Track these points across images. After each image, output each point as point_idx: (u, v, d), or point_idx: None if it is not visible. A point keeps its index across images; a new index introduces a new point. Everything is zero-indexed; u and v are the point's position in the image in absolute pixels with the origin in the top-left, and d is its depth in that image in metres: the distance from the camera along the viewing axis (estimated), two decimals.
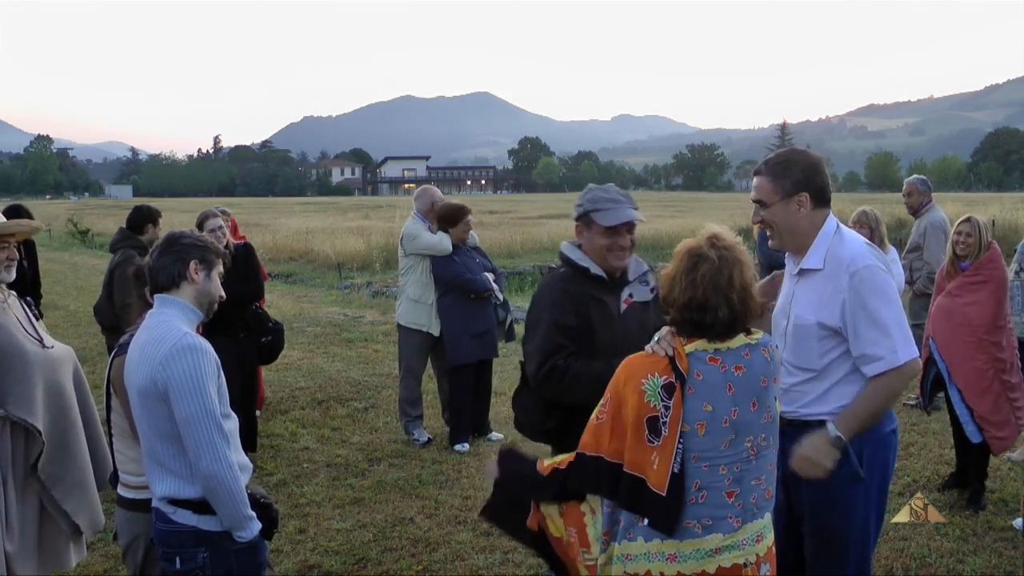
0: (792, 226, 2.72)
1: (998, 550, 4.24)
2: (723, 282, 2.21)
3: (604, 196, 3.01)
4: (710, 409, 2.17)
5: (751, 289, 2.27)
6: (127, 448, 2.85)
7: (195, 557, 2.51)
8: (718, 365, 2.20)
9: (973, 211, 6.01)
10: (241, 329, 5.63)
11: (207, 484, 2.45)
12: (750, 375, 2.22)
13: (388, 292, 14.41)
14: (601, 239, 2.96)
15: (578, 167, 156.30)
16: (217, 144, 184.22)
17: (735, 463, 2.19)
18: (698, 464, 2.17)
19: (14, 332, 2.97)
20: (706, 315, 2.21)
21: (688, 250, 2.30)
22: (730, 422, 2.18)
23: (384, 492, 5.21)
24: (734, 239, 2.32)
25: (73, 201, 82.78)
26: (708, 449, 2.17)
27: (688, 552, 2.17)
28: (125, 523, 2.87)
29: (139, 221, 5.95)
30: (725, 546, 2.18)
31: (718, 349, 2.22)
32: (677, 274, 2.28)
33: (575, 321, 2.95)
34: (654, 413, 2.16)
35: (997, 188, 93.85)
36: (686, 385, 2.17)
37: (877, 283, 2.58)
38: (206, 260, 2.65)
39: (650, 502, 2.16)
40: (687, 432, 2.16)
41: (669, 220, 30.23)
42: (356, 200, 77.99)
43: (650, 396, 2.17)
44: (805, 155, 2.77)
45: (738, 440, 2.19)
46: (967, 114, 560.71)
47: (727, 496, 2.18)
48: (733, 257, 2.26)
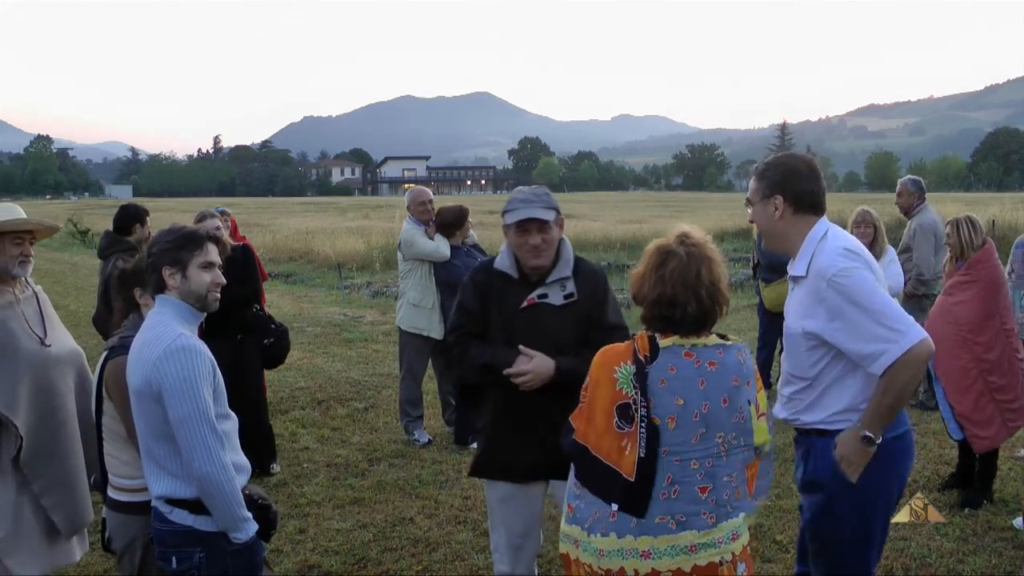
0: (769, 228, 2.75)
1: (998, 550, 4.24)
2: (691, 278, 2.25)
3: (517, 197, 3.02)
4: (682, 403, 2.20)
5: (720, 285, 2.30)
6: (119, 451, 2.83)
7: (191, 557, 2.51)
8: (692, 360, 2.24)
9: (973, 211, 6.01)
10: (239, 331, 5.43)
11: (200, 485, 2.45)
12: (722, 372, 2.25)
13: (388, 292, 14.41)
14: (513, 237, 2.99)
15: (578, 167, 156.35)
16: (217, 144, 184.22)
17: (706, 458, 2.21)
18: (669, 458, 2.20)
19: (13, 328, 2.99)
20: (675, 310, 2.25)
21: (657, 248, 2.34)
22: (700, 416, 2.21)
23: (384, 492, 5.21)
24: (703, 237, 2.35)
25: (73, 201, 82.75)
26: (679, 443, 2.20)
27: (663, 548, 2.18)
28: (120, 526, 2.85)
29: (125, 221, 5.68)
30: (700, 543, 2.19)
31: (695, 345, 2.26)
32: (646, 271, 2.32)
33: (477, 308, 3.07)
34: (625, 400, 2.21)
35: (997, 188, 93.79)
36: (658, 378, 2.20)
37: (854, 283, 2.52)
38: (178, 260, 2.58)
39: (620, 488, 2.20)
40: (658, 425, 2.19)
41: (669, 220, 30.19)
42: (356, 200, 77.96)
43: (622, 383, 2.22)
44: (791, 159, 2.75)
45: (709, 435, 2.22)
46: (967, 114, 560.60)
47: (700, 491, 2.20)
48: (701, 254, 2.29)
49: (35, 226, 3.18)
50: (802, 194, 2.68)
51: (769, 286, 7.26)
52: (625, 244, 21.05)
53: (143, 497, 2.67)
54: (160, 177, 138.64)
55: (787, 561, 4.18)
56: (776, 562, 4.18)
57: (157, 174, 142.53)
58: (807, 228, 2.69)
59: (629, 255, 19.28)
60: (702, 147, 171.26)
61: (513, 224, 2.96)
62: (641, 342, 2.28)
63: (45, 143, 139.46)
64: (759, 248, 7.39)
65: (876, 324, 2.49)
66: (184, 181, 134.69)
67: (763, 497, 2.46)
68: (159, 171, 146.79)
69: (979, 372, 4.68)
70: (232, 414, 2.65)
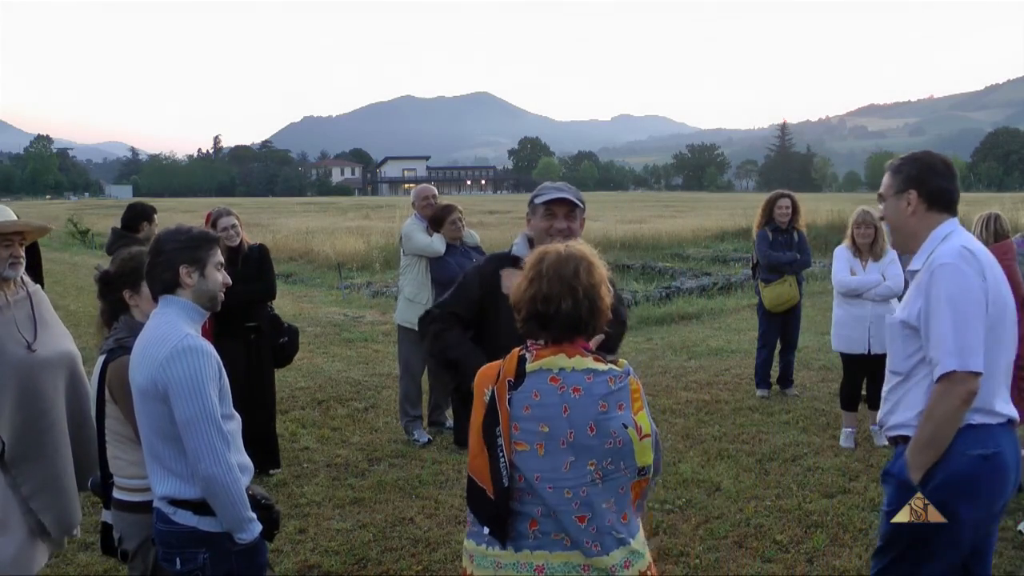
0: (899, 224, 2.71)
1: (998, 550, 4.22)
2: (568, 273, 2.18)
3: (548, 184, 3.08)
4: (547, 430, 2.14)
5: (600, 291, 2.20)
6: (125, 453, 2.83)
7: (195, 558, 2.50)
8: (557, 385, 2.16)
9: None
10: (252, 332, 5.41)
11: (206, 486, 2.44)
12: (587, 399, 2.14)
13: (388, 292, 14.39)
14: (540, 221, 2.99)
15: (578, 167, 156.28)
16: (217, 144, 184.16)
17: (580, 487, 2.14)
18: (542, 484, 2.15)
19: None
20: (549, 306, 2.16)
21: (536, 251, 2.30)
22: (567, 444, 2.13)
23: (384, 492, 5.21)
24: (587, 247, 2.30)
25: (73, 201, 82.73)
26: (549, 470, 2.14)
27: (556, 565, 2.15)
28: (132, 526, 2.84)
29: (134, 219, 5.81)
30: (593, 567, 2.15)
31: (563, 369, 2.17)
32: (524, 272, 2.26)
33: (476, 296, 3.04)
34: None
35: (997, 188, 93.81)
36: (522, 404, 2.16)
37: (949, 282, 2.46)
38: (196, 260, 2.58)
39: (488, 509, 2.18)
40: (528, 452, 2.15)
41: (669, 220, 30.19)
42: (356, 200, 77.95)
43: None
44: (928, 156, 2.72)
45: (579, 463, 2.14)
46: (967, 114, 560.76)
47: (579, 521, 2.14)
48: (580, 254, 2.23)
49: (23, 227, 3.15)
50: (936, 191, 2.64)
51: (769, 286, 7.26)
52: (625, 244, 21.02)
53: (151, 497, 2.67)
54: (160, 177, 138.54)
55: (787, 561, 4.18)
56: (776, 562, 4.18)
57: (157, 174, 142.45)
58: (935, 224, 2.65)
59: (629, 255, 19.28)
60: (702, 147, 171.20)
61: (541, 205, 2.97)
62: (509, 364, 2.21)
63: (45, 143, 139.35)
64: (758, 248, 7.40)
65: (951, 332, 2.43)
66: (184, 181, 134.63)
67: (651, 490, 2.39)
68: (159, 171, 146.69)
69: None
70: (236, 414, 2.64)
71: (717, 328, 10.77)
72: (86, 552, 4.37)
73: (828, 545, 4.34)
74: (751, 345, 8.24)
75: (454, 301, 3.08)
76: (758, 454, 5.74)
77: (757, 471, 5.42)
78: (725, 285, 14.17)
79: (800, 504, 4.87)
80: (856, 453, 5.77)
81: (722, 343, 9.67)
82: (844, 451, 5.81)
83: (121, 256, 3.00)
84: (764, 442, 6.02)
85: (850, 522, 4.60)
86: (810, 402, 7.09)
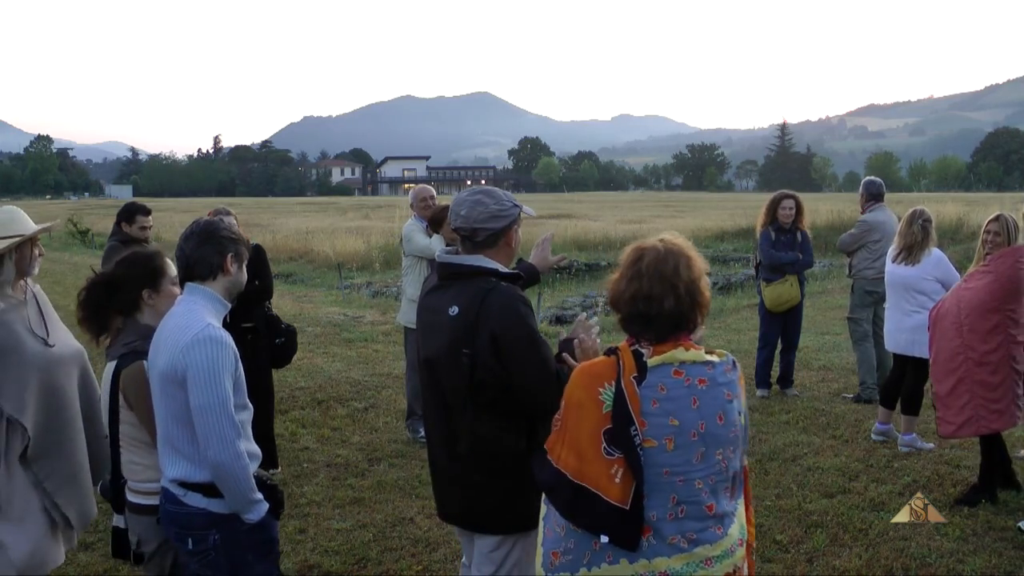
0: None
1: (998, 550, 4.23)
2: (668, 271, 2.17)
3: (455, 206, 2.81)
4: (677, 424, 2.11)
5: (700, 285, 2.20)
6: (142, 457, 2.85)
7: (207, 538, 2.60)
8: (682, 378, 2.14)
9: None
10: (249, 331, 5.39)
11: (214, 471, 2.53)
12: (713, 388, 2.15)
13: (388, 292, 14.41)
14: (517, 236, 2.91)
15: (578, 167, 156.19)
16: (217, 144, 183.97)
17: (709, 476, 2.14)
18: (671, 479, 2.11)
19: (18, 330, 3.01)
20: (651, 306, 2.14)
21: (633, 248, 2.29)
22: (699, 435, 2.12)
23: (384, 492, 5.21)
24: (684, 240, 2.29)
25: (73, 201, 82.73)
26: (680, 463, 2.11)
27: (679, 568, 2.11)
28: (148, 528, 2.85)
29: (130, 214, 5.94)
30: (715, 556, 2.14)
31: (683, 362, 2.15)
32: (622, 271, 2.24)
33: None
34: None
35: (997, 188, 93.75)
36: (650, 399, 2.10)
37: None
38: (239, 253, 2.74)
39: (611, 517, 2.09)
40: (655, 448, 2.10)
41: (669, 220, 30.23)
42: (356, 200, 77.96)
43: (609, 406, 2.10)
44: None
45: (709, 453, 2.14)
46: (967, 114, 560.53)
47: (708, 510, 2.14)
48: (679, 250, 2.22)
49: (50, 228, 3.38)
50: None
51: (770, 286, 7.27)
52: (625, 244, 20.91)
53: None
54: (160, 177, 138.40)
55: (787, 561, 4.18)
56: (776, 562, 4.18)
57: (157, 174, 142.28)
58: None
59: None
60: (702, 147, 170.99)
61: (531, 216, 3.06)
62: (627, 360, 2.14)
63: (45, 143, 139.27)
64: (760, 248, 7.40)
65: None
66: (184, 181, 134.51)
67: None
68: (159, 171, 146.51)
69: (966, 359, 4.69)
70: (249, 404, 2.72)
71: (717, 328, 10.77)
72: (86, 552, 4.37)
73: (828, 545, 4.34)
74: (751, 345, 8.24)
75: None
76: (758, 454, 5.74)
77: (757, 471, 5.42)
78: (725, 285, 14.18)
79: (800, 504, 4.87)
80: (856, 453, 5.77)
81: (722, 343, 9.66)
82: (844, 451, 5.82)
83: (129, 258, 3.01)
84: (764, 442, 6.02)
85: (850, 522, 4.60)
86: (810, 402, 7.09)
